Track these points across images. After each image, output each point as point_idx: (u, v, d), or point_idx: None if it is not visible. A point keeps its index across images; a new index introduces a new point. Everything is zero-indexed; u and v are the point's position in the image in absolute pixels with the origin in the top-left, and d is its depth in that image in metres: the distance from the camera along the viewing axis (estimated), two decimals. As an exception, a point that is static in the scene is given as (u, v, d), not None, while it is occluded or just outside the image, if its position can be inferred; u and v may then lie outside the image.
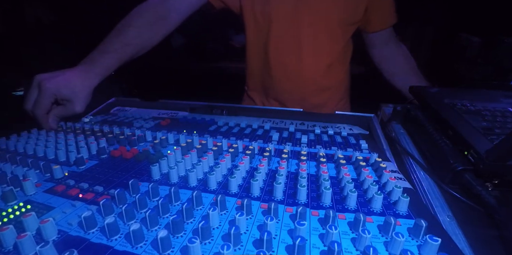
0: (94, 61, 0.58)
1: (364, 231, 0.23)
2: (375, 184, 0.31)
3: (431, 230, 0.25)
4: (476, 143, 0.38)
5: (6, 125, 0.57)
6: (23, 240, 0.22)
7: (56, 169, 0.36)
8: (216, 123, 0.58)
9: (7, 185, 0.32)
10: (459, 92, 0.61)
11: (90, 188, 0.33)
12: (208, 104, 0.69)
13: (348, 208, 0.30)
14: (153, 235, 0.25)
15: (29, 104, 0.52)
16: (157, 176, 0.36)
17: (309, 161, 0.41)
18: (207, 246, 0.24)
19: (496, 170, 0.34)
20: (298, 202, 0.30)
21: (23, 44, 1.55)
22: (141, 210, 0.29)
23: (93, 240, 0.25)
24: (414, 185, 0.39)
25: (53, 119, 0.53)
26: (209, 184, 0.33)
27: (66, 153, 0.42)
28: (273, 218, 0.25)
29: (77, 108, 0.55)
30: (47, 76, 0.52)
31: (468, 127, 0.43)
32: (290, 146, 0.45)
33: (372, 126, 0.58)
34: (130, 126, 0.56)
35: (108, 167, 0.39)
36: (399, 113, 0.60)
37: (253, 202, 0.30)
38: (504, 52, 0.72)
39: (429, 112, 0.53)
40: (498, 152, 0.33)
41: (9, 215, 0.28)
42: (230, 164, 0.39)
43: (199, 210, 0.29)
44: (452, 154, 0.39)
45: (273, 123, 0.60)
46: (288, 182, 0.35)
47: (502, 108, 0.52)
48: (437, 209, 0.33)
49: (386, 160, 0.41)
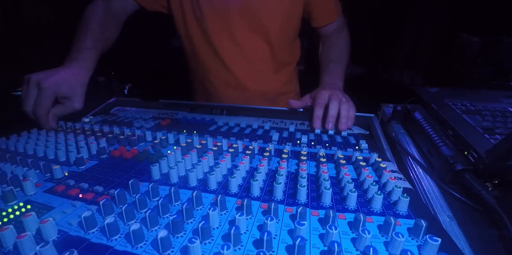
0: (78, 58, 0.59)
1: (364, 231, 0.23)
2: (375, 184, 0.31)
3: (431, 230, 0.25)
4: (476, 143, 0.38)
5: (6, 125, 0.57)
6: (23, 240, 0.22)
7: (56, 169, 0.36)
8: (216, 123, 0.58)
9: (7, 185, 0.32)
10: (459, 92, 0.61)
11: (90, 188, 0.33)
12: (208, 104, 0.69)
13: (348, 208, 0.29)
14: (153, 235, 0.25)
15: (29, 105, 0.52)
16: (157, 176, 0.36)
17: (309, 161, 0.41)
18: (207, 246, 0.24)
19: (496, 170, 0.34)
20: (298, 202, 0.30)
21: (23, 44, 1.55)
22: (141, 210, 0.29)
23: (93, 240, 0.25)
24: (414, 185, 0.39)
25: (52, 119, 0.53)
26: (209, 184, 0.33)
27: (66, 153, 0.42)
28: (273, 218, 0.25)
29: (77, 105, 0.55)
30: (43, 76, 0.52)
31: (468, 127, 0.43)
32: (290, 146, 0.45)
33: (372, 126, 0.58)
34: (130, 126, 0.56)
35: (108, 167, 0.39)
36: (399, 113, 0.60)
37: (253, 202, 0.30)
38: (504, 52, 0.73)
39: (429, 112, 0.53)
40: (498, 152, 0.33)
41: (9, 215, 0.28)
42: (230, 164, 0.39)
43: (199, 210, 0.29)
44: (452, 154, 0.39)
45: (273, 123, 0.60)
46: (288, 182, 0.35)
47: (502, 108, 0.52)
48: (437, 209, 0.33)
49: (386, 160, 0.41)
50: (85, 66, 0.59)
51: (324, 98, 0.59)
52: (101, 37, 0.65)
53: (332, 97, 0.58)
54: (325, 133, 0.55)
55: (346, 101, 0.58)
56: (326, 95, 0.59)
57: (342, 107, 0.56)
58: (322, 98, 0.59)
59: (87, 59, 0.60)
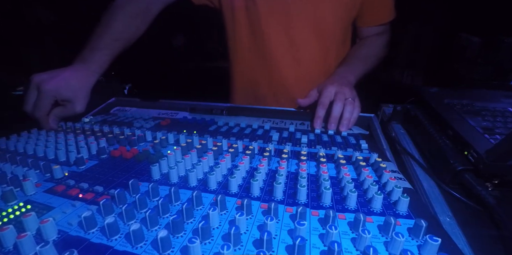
0: (87, 59, 0.57)
1: (364, 231, 0.23)
2: (375, 184, 0.31)
3: (431, 230, 0.25)
4: (476, 143, 0.38)
5: (6, 126, 0.57)
6: (23, 240, 0.22)
7: (56, 169, 0.36)
8: (216, 123, 0.58)
9: (7, 185, 0.32)
10: (459, 92, 0.61)
11: (90, 188, 0.33)
12: (208, 104, 0.69)
13: (348, 208, 0.30)
14: (153, 235, 0.25)
15: (28, 106, 0.51)
16: (157, 176, 0.36)
17: (309, 161, 0.41)
18: (207, 246, 0.24)
19: (496, 170, 0.34)
20: (298, 202, 0.30)
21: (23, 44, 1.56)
22: (141, 210, 0.29)
23: (93, 240, 0.25)
24: (414, 185, 0.39)
25: (53, 120, 0.53)
26: (209, 184, 0.33)
27: (66, 153, 0.42)
28: (273, 218, 0.25)
29: (78, 108, 0.54)
30: (45, 78, 0.51)
31: (468, 127, 0.43)
32: (290, 146, 0.45)
33: (372, 126, 0.58)
34: (130, 126, 0.56)
35: (108, 167, 0.39)
36: (399, 113, 0.60)
37: (253, 202, 0.30)
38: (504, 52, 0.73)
39: (429, 112, 0.53)
40: (498, 152, 0.33)
41: (9, 215, 0.28)
42: (230, 164, 0.39)
43: (199, 210, 0.29)
44: (452, 154, 0.39)
45: (273, 123, 0.60)
46: (288, 182, 0.35)
47: (502, 108, 0.52)
48: (437, 209, 0.33)
49: (386, 160, 0.41)
50: (92, 69, 0.57)
51: (329, 97, 0.56)
52: (121, 36, 0.61)
53: (337, 96, 0.55)
54: (325, 132, 0.54)
55: (352, 101, 0.55)
56: (331, 93, 0.56)
57: (346, 108, 0.54)
58: (327, 96, 0.56)
59: (97, 61, 0.58)
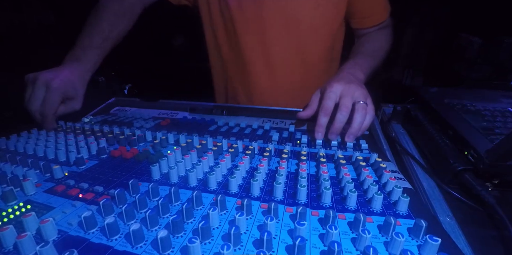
0: (80, 58, 0.58)
1: (364, 231, 0.23)
2: (375, 184, 0.31)
3: (431, 230, 0.25)
4: (476, 143, 0.38)
5: (6, 126, 0.57)
6: (23, 240, 0.22)
7: (56, 169, 0.36)
8: (216, 123, 0.58)
9: (7, 185, 0.32)
10: (459, 92, 0.61)
11: (90, 188, 0.33)
12: (208, 104, 0.69)
13: (348, 208, 0.29)
14: (153, 235, 0.25)
15: (35, 105, 0.51)
16: (157, 176, 0.36)
17: (309, 161, 0.41)
18: (207, 246, 0.24)
19: (496, 170, 0.34)
20: (298, 202, 0.30)
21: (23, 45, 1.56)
22: (141, 210, 0.29)
23: (93, 240, 0.25)
24: (414, 185, 0.39)
25: (53, 119, 0.53)
26: (209, 184, 0.33)
27: (66, 153, 0.42)
28: (273, 218, 0.25)
29: (77, 105, 0.55)
30: (51, 76, 0.51)
31: (468, 127, 0.43)
32: (290, 146, 0.45)
33: (372, 126, 0.58)
34: (130, 127, 0.56)
35: (108, 167, 0.39)
36: (399, 113, 0.60)
37: (253, 202, 0.30)
38: (504, 52, 0.73)
39: (429, 112, 0.53)
40: (498, 152, 0.33)
41: (9, 215, 0.28)
42: (230, 164, 0.39)
43: (199, 210, 0.29)
44: (452, 154, 0.39)
45: (273, 123, 0.60)
46: (288, 182, 0.35)
47: (502, 108, 0.52)
48: (437, 209, 0.33)
49: (386, 160, 0.41)
50: (86, 67, 0.58)
51: (333, 98, 0.46)
52: (110, 35, 0.62)
53: (344, 99, 0.45)
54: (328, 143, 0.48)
55: (363, 105, 0.45)
56: (336, 94, 0.46)
57: (357, 114, 0.44)
58: (331, 97, 0.46)
59: (90, 60, 0.59)
